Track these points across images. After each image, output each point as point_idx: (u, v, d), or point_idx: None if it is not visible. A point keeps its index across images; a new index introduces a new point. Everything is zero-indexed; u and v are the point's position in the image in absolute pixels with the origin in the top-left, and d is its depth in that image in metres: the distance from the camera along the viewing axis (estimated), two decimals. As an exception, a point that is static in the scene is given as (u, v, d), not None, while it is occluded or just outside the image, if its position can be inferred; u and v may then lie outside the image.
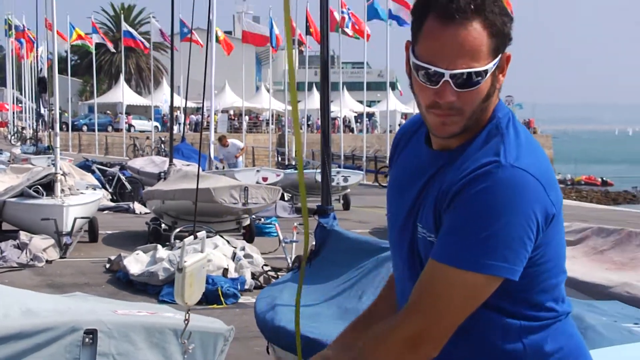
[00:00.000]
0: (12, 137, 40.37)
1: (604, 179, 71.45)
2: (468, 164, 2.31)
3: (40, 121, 43.03)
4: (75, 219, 17.37)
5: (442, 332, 2.29)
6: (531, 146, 2.35)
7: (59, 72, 29.76)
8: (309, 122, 55.34)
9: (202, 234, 7.00)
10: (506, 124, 2.39)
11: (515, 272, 2.22)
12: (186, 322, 5.36)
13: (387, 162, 4.65)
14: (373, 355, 2.42)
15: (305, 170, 25.73)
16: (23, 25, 43.85)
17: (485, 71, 2.25)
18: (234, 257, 14.37)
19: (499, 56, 2.29)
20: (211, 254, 13.57)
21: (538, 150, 2.37)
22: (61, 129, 31.16)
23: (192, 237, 9.72)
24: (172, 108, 25.87)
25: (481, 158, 2.29)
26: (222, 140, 29.82)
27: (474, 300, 2.29)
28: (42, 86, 36.64)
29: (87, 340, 5.62)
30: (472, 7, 2.19)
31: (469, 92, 2.25)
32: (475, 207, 2.21)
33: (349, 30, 39.43)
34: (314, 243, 8.87)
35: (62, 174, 18.55)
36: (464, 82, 2.22)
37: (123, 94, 50.07)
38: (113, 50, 52.37)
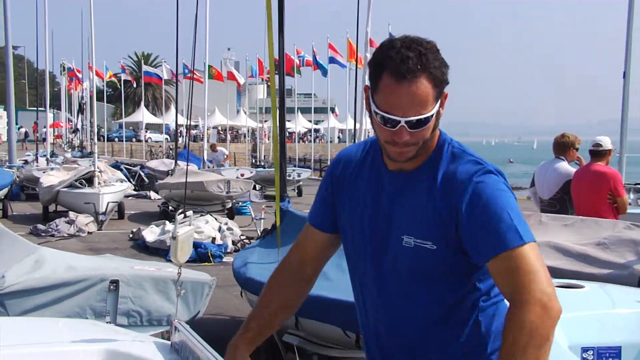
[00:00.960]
0: (65, 146, 41.62)
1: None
2: (453, 176, 2.33)
3: (76, 134, 47.81)
4: (108, 203, 18.64)
5: (553, 289, 2.17)
6: (476, 155, 2.41)
7: (98, 100, 31.49)
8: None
9: (189, 213, 7.96)
10: (456, 144, 2.44)
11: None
12: (179, 274, 4.97)
13: (329, 168, 2.80)
14: (526, 354, 2.10)
15: (270, 169, 27.46)
16: (72, 67, 45.57)
17: (431, 116, 2.29)
18: (219, 229, 15.59)
19: (440, 99, 2.33)
20: (203, 227, 14.85)
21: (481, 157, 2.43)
22: (99, 140, 32.22)
23: (182, 215, 10.63)
24: (177, 125, 26.54)
25: (468, 169, 2.32)
26: (212, 147, 30.54)
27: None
28: (81, 110, 44.57)
29: (111, 287, 6.05)
30: (419, 67, 2.21)
31: (419, 131, 2.29)
32: (496, 201, 2.22)
33: (301, 70, 40.80)
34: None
35: (99, 171, 19.78)
36: (415, 125, 2.26)
37: (143, 115, 52.96)
38: (135, 85, 55.95)
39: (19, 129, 40.20)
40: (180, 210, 17.68)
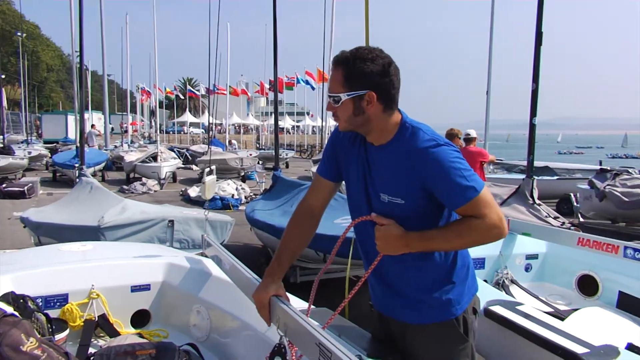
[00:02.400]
0: (139, 136, 41.36)
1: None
2: (414, 151, 2.06)
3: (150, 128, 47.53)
4: (166, 172, 18.28)
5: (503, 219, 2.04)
6: (432, 129, 2.16)
7: (159, 108, 31.48)
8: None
9: (212, 171, 7.87)
10: (415, 123, 2.15)
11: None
12: (206, 213, 5.30)
13: (325, 148, 2.44)
14: (462, 240, 2.07)
15: (268, 150, 27.74)
16: (144, 86, 45.26)
17: (338, 97, 2.08)
18: (236, 189, 15.09)
19: (358, 92, 2.05)
20: (226, 187, 14.60)
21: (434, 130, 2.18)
22: (160, 132, 32.25)
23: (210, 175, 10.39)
24: (209, 123, 26.71)
25: (424, 145, 2.05)
26: (229, 142, 31.01)
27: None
28: (152, 114, 44.29)
29: (169, 224, 6.01)
30: (342, 61, 2.05)
31: (337, 107, 2.09)
32: (451, 166, 1.99)
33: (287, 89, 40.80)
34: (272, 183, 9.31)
35: (160, 152, 19.56)
36: (333, 100, 2.09)
37: (187, 117, 52.49)
38: (182, 97, 55.82)
39: (112, 128, 39.99)
40: (207, 170, 17.92)
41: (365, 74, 2.04)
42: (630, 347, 2.81)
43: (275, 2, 9.59)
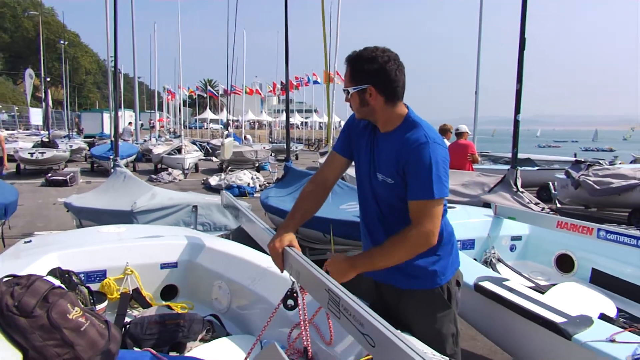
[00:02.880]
0: (166, 131, 41.37)
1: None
2: (407, 140, 2.09)
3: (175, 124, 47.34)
4: (189, 163, 18.16)
5: (435, 232, 2.05)
6: (432, 128, 2.17)
7: (183, 106, 31.51)
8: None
9: (229, 135, 7.82)
10: (417, 119, 2.16)
11: (447, 193, 2.09)
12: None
13: (342, 130, 2.42)
14: (397, 250, 2.07)
15: (280, 144, 27.28)
16: (169, 87, 45.07)
17: (348, 91, 2.16)
18: (252, 178, 14.74)
19: (362, 86, 2.12)
20: (242, 176, 14.45)
21: (434, 129, 2.17)
22: (184, 128, 32.37)
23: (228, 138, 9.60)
24: (227, 120, 26.77)
25: (416, 137, 2.08)
26: (245, 137, 30.97)
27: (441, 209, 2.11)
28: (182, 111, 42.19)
29: (193, 209, 5.98)
30: (350, 60, 2.12)
31: (350, 99, 2.17)
32: (426, 163, 2.02)
33: (297, 89, 40.58)
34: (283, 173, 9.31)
35: (184, 145, 19.31)
36: (345, 92, 2.19)
37: (208, 114, 52.14)
38: (204, 96, 55.34)
39: (142, 124, 40.05)
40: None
41: (364, 71, 2.11)
42: (603, 317, 2.80)
43: (287, 13, 9.59)
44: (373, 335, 1.49)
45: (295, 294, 2.08)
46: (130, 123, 27.77)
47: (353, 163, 2.46)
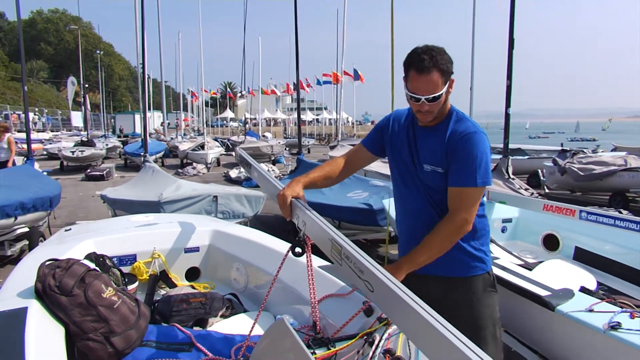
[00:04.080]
0: (190, 130, 41.33)
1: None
2: (456, 130, 2.02)
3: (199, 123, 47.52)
4: (212, 158, 18.19)
5: (472, 219, 2.02)
6: (474, 122, 2.08)
7: (205, 106, 31.53)
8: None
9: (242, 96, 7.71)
10: (461, 113, 2.10)
11: (491, 182, 2.03)
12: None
13: (375, 128, 2.28)
14: (436, 241, 1.99)
15: (294, 139, 27.03)
16: (193, 90, 44.84)
17: (441, 94, 1.98)
18: (267, 170, 15.01)
19: (448, 83, 1.99)
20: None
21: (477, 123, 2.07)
22: (207, 126, 32.42)
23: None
24: (245, 119, 26.76)
25: (465, 127, 2.02)
26: (264, 134, 30.99)
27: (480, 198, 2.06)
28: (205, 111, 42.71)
29: (214, 199, 5.93)
30: (432, 64, 1.93)
31: (433, 104, 1.99)
32: (471, 152, 1.97)
33: (308, 89, 40.26)
34: (296, 165, 9.59)
35: (207, 142, 19.32)
36: (431, 100, 1.97)
37: (228, 113, 51.85)
38: (224, 98, 54.81)
39: (169, 123, 40.08)
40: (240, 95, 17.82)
41: (450, 63, 1.98)
42: (582, 289, 2.81)
43: (297, 20, 9.55)
44: (371, 281, 1.48)
45: (302, 242, 2.03)
46: (162, 123, 27.92)
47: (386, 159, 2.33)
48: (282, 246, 3.01)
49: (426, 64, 1.94)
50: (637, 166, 9.63)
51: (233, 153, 23.84)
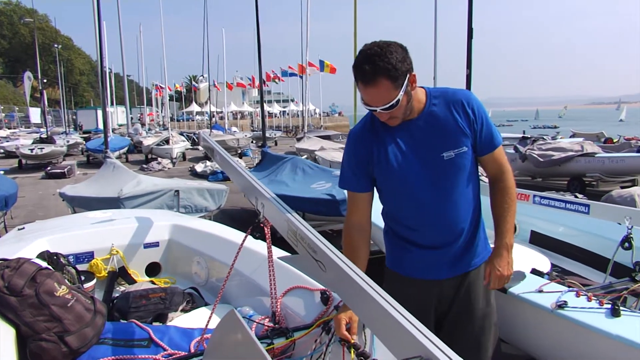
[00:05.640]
0: (155, 124, 40.46)
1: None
2: (454, 101, 1.85)
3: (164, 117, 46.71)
4: (177, 152, 18.14)
5: None
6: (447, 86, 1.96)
7: (170, 100, 31.02)
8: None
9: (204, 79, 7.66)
10: (434, 88, 1.93)
11: None
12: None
13: (346, 160, 2.03)
14: (513, 206, 1.92)
15: (260, 132, 27.46)
16: (157, 83, 43.77)
17: (397, 100, 1.73)
18: None
19: (405, 82, 1.73)
20: None
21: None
22: (171, 120, 31.96)
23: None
24: (210, 113, 26.46)
25: (458, 93, 1.87)
26: (230, 127, 30.79)
27: None
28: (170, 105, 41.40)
29: (175, 193, 5.82)
30: (376, 73, 1.67)
31: (394, 110, 1.75)
32: (485, 111, 1.87)
33: (275, 81, 40.05)
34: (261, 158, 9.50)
35: (172, 136, 19.19)
36: (388, 108, 1.73)
37: (194, 107, 50.91)
38: (189, 92, 53.63)
39: (131, 117, 39.23)
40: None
41: (402, 62, 1.72)
42: (534, 271, 2.90)
43: (258, 12, 9.48)
44: (324, 261, 1.51)
45: (262, 224, 2.04)
46: (132, 119, 27.43)
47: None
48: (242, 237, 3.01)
49: (368, 75, 1.71)
50: (593, 151, 9.94)
51: (199, 147, 23.64)
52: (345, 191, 2.07)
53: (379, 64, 1.68)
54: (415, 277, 2.02)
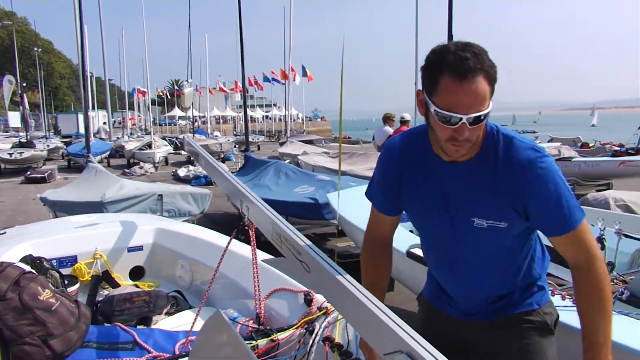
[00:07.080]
0: (137, 129, 40.08)
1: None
2: (512, 164, 1.38)
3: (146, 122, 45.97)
4: (159, 157, 17.86)
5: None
6: (524, 138, 1.46)
7: (152, 105, 30.87)
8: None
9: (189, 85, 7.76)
10: (504, 130, 1.46)
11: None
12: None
13: (380, 178, 1.61)
14: (608, 303, 1.35)
15: (242, 136, 27.61)
16: (140, 87, 43.29)
17: (487, 113, 1.32)
18: None
19: (492, 96, 1.33)
20: None
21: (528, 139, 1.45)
22: (154, 125, 31.76)
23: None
24: (193, 117, 26.30)
25: (525, 157, 1.37)
26: (213, 132, 30.73)
27: None
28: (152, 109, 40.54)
29: (158, 197, 5.85)
30: (478, 66, 1.26)
31: (477, 127, 1.32)
32: (561, 188, 1.37)
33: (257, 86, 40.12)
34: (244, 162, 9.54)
35: (154, 141, 18.82)
36: (475, 122, 1.30)
37: (176, 111, 50.52)
38: (170, 96, 53.13)
39: (113, 121, 38.80)
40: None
41: (496, 72, 1.34)
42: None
43: (241, 17, 9.48)
44: (308, 262, 1.52)
45: (246, 227, 2.07)
46: (104, 123, 27.03)
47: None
48: (226, 241, 3.02)
49: (471, 65, 1.28)
50: (570, 156, 10.18)
51: (182, 152, 23.52)
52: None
53: (483, 58, 1.31)
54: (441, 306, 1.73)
